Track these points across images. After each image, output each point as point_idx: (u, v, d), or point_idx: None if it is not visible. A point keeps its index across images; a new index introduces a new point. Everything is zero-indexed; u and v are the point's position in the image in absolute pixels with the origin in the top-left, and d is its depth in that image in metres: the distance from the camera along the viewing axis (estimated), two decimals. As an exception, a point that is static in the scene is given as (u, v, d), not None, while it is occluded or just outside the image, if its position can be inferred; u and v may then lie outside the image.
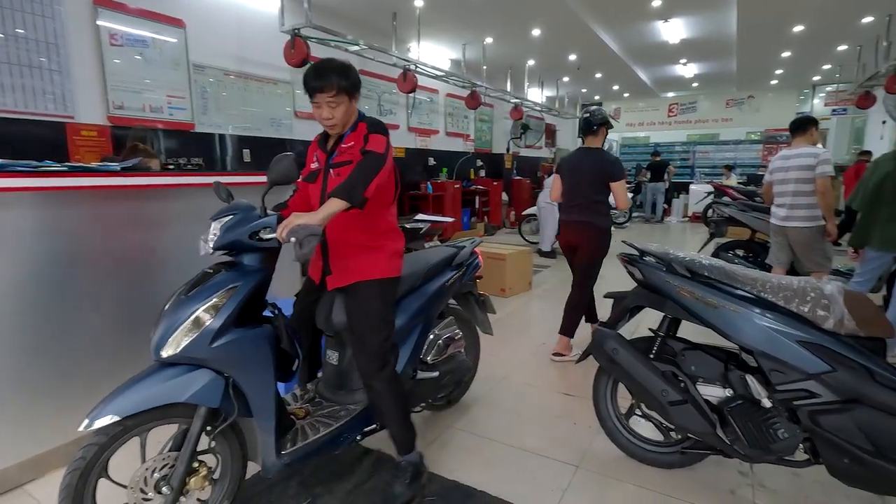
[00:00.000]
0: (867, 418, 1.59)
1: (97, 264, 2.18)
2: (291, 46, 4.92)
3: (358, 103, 1.85)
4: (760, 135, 13.79)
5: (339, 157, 1.83)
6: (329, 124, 1.79)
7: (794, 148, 3.68)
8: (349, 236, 1.85)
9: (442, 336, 2.29)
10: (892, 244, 2.90)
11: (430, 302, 2.14)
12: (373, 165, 1.67)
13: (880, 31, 6.79)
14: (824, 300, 1.67)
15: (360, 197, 1.60)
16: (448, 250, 2.35)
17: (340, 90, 1.73)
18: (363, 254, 1.85)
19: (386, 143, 1.77)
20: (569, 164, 3.40)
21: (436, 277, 2.21)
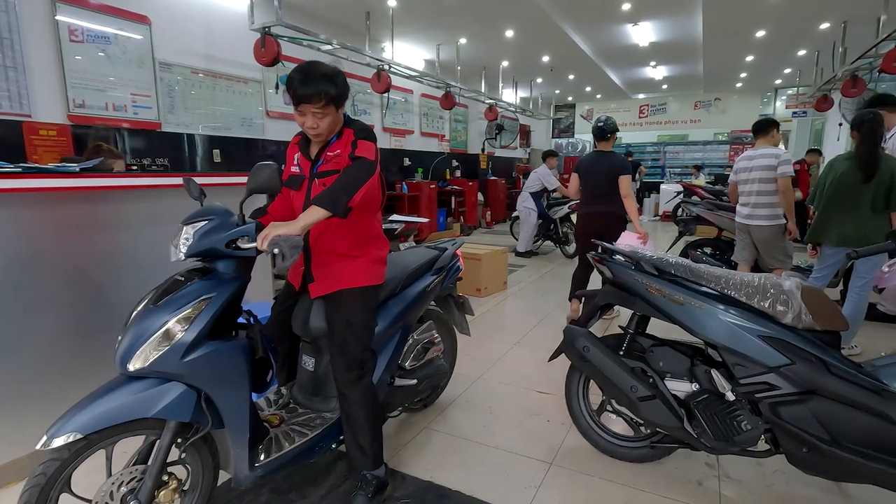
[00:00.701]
0: (823, 409, 1.65)
1: (56, 269, 2.10)
2: (262, 45, 4.83)
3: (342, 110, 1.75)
4: (727, 136, 14.24)
5: (324, 166, 1.75)
6: (314, 133, 1.71)
7: (757, 149, 3.81)
8: (333, 244, 1.80)
9: (421, 341, 2.28)
10: (846, 241, 3.03)
11: (410, 307, 2.10)
12: (361, 173, 1.60)
13: (836, 37, 7.09)
14: (783, 296, 1.74)
15: (343, 206, 1.53)
16: (429, 253, 2.31)
17: (329, 101, 1.64)
18: (347, 261, 1.81)
19: (375, 149, 1.70)
20: (586, 165, 3.99)
21: (417, 282, 2.16)
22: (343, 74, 1.71)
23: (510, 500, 1.92)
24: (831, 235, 3.15)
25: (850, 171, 3.04)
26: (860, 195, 3.00)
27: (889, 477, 1.56)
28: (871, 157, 2.95)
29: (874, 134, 2.98)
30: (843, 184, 3.07)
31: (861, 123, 3.01)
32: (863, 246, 1.93)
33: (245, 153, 5.60)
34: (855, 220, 3.02)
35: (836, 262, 3.24)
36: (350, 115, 1.85)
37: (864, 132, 2.99)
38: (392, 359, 2.05)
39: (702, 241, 5.29)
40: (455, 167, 10.08)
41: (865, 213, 2.99)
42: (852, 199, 3.03)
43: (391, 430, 2.40)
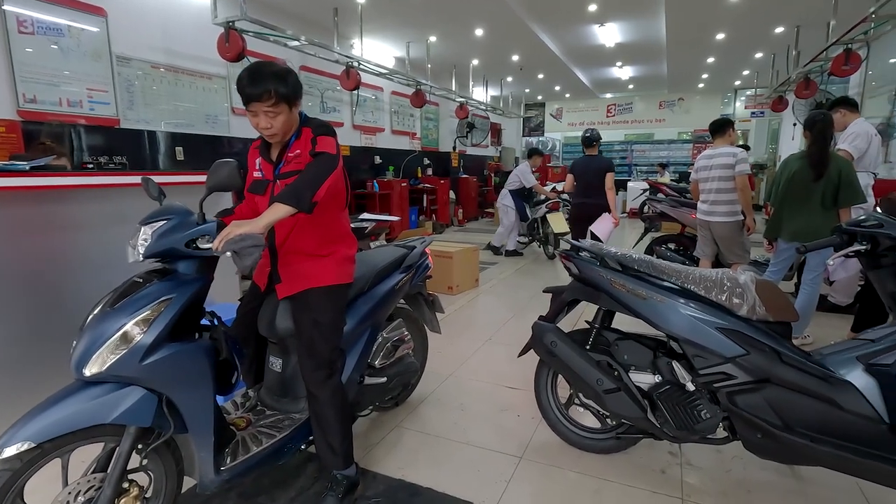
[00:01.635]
0: (776, 396, 1.73)
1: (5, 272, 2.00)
2: (226, 40, 4.71)
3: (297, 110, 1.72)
4: (690, 135, 14.69)
5: (287, 167, 1.73)
6: (268, 134, 1.68)
7: (716, 148, 3.95)
8: (300, 244, 1.77)
9: (391, 339, 2.26)
10: (798, 236, 3.17)
11: (379, 305, 2.09)
12: (324, 168, 1.58)
13: (790, 40, 7.40)
14: (738, 289, 1.81)
15: (308, 201, 1.51)
16: (398, 251, 2.31)
17: (280, 98, 1.60)
18: (314, 260, 1.78)
19: (336, 143, 1.69)
20: (580, 166, 5.08)
21: (385, 280, 2.15)
22: (294, 74, 1.69)
23: (481, 494, 1.94)
24: (785, 231, 3.29)
25: (802, 169, 3.18)
26: (811, 192, 3.14)
27: (836, 459, 1.65)
28: (822, 156, 3.09)
29: (825, 134, 3.13)
30: (796, 182, 3.21)
31: (813, 124, 3.16)
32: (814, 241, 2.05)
33: (210, 151, 5.46)
34: (807, 217, 3.17)
35: (790, 256, 3.39)
36: (319, 112, 1.83)
37: (816, 132, 3.13)
38: (361, 357, 2.03)
39: (666, 237, 5.46)
40: (426, 165, 10.07)
41: (816, 210, 3.13)
42: (804, 196, 3.18)
43: (362, 430, 2.39)
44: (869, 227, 1.80)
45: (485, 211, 12.00)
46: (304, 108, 1.82)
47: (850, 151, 3.66)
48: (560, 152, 17.30)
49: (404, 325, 2.38)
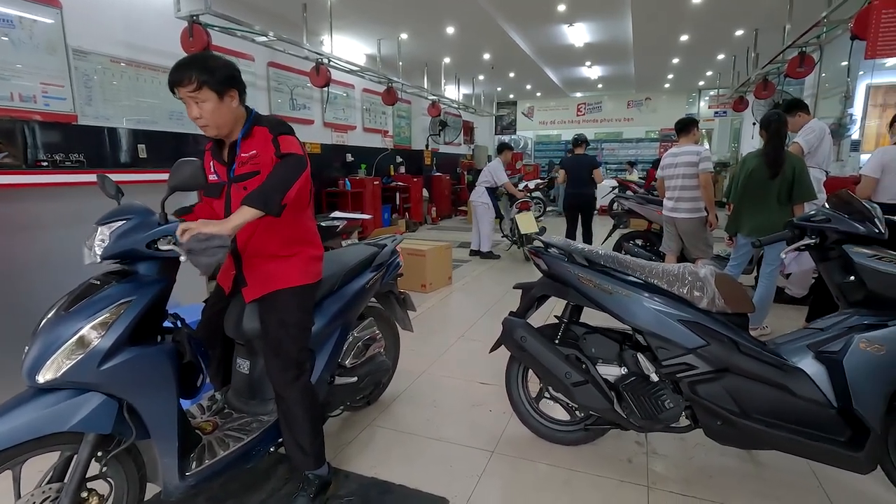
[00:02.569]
0: (734, 384, 1.81)
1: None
2: (189, 34, 4.58)
3: (235, 102, 1.66)
4: (657, 133, 15.09)
5: (241, 169, 1.68)
6: (200, 125, 1.63)
7: (681, 146, 4.07)
8: (264, 245, 1.74)
9: (361, 338, 2.25)
10: (756, 232, 3.30)
11: (349, 305, 2.07)
12: (293, 170, 1.54)
13: (749, 43, 7.68)
14: (699, 282, 1.88)
15: (277, 204, 1.48)
16: (368, 250, 2.29)
17: (201, 84, 1.56)
18: (279, 261, 1.75)
19: (300, 143, 1.65)
20: (569, 163, 6.19)
21: (355, 279, 2.14)
22: (226, 64, 1.64)
23: (453, 489, 1.96)
24: (744, 227, 3.42)
25: (759, 167, 3.31)
26: (768, 190, 3.27)
27: (790, 442, 1.74)
28: (777, 155, 3.23)
29: (780, 134, 3.26)
30: (754, 180, 3.34)
31: (769, 124, 3.29)
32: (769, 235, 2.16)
33: (174, 148, 5.29)
34: (764, 213, 3.30)
35: (748, 251, 3.53)
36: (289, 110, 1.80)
37: (772, 132, 3.26)
38: (331, 357, 2.01)
39: (634, 234, 5.60)
40: (399, 163, 10.03)
41: (773, 206, 3.26)
42: (762, 193, 3.31)
43: (334, 429, 2.37)
44: (817, 222, 1.90)
45: (458, 209, 12.04)
46: (274, 105, 1.79)
47: (802, 145, 3.83)
48: (532, 150, 17.51)
49: (375, 324, 2.37)
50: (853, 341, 1.69)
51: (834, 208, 1.94)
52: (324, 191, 7.83)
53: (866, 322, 1.73)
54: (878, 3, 3.55)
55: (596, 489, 1.97)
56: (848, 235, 1.84)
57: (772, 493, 1.93)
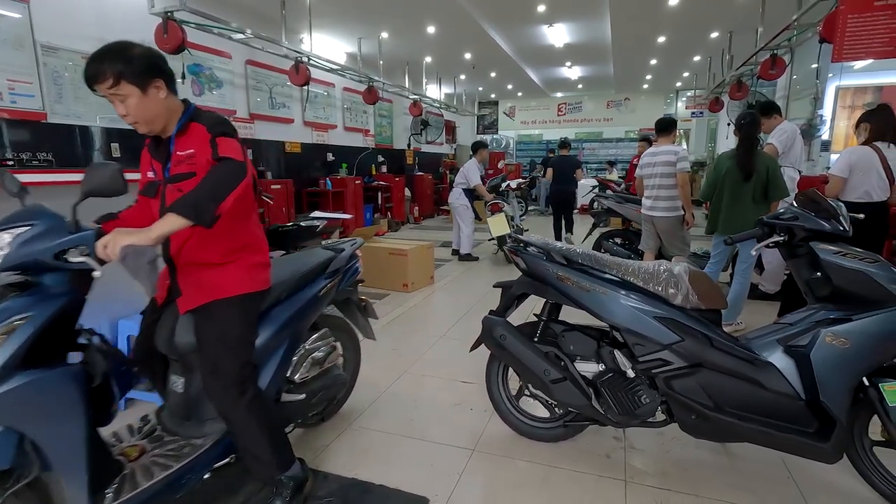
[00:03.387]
0: (708, 379, 1.85)
1: None
2: (164, 31, 4.48)
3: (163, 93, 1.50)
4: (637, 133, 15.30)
5: (177, 168, 1.53)
6: (129, 122, 1.48)
7: (660, 146, 4.15)
8: (201, 254, 1.60)
9: (314, 350, 2.08)
10: (729, 229, 3.39)
11: (299, 314, 1.92)
12: (230, 176, 1.40)
13: (724, 45, 7.85)
14: (673, 279, 1.92)
15: (210, 215, 1.33)
16: (323, 255, 2.13)
17: (119, 78, 1.39)
18: (217, 269, 1.61)
19: (241, 147, 1.50)
20: (556, 162, 7.33)
21: (307, 287, 1.98)
22: (143, 49, 1.47)
23: (434, 488, 1.96)
24: (722, 226, 3.50)
25: (733, 168, 3.39)
26: (743, 190, 3.36)
27: (761, 434, 1.79)
28: (749, 157, 3.31)
29: (751, 136, 3.34)
30: (729, 180, 3.42)
31: (740, 126, 3.37)
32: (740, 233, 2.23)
33: (149, 147, 5.19)
34: (740, 212, 3.38)
35: (726, 248, 3.61)
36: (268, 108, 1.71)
37: (743, 135, 3.35)
38: (278, 372, 1.84)
39: (614, 232, 5.68)
40: (381, 162, 9.99)
41: (748, 205, 3.34)
42: (737, 192, 3.39)
43: (313, 431, 2.35)
44: (786, 220, 1.95)
45: (441, 208, 12.04)
46: (253, 104, 1.72)
47: (776, 146, 3.95)
48: (514, 150, 17.61)
49: (331, 335, 2.20)
50: (819, 335, 1.74)
51: (801, 206, 2.00)
52: (304, 190, 7.76)
53: (832, 317, 1.78)
54: (844, 9, 3.67)
55: (575, 484, 1.99)
56: (815, 233, 1.90)
57: (745, 484, 1.98)
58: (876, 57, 3.85)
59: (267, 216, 6.08)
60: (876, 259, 1.77)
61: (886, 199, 3.19)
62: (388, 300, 4.65)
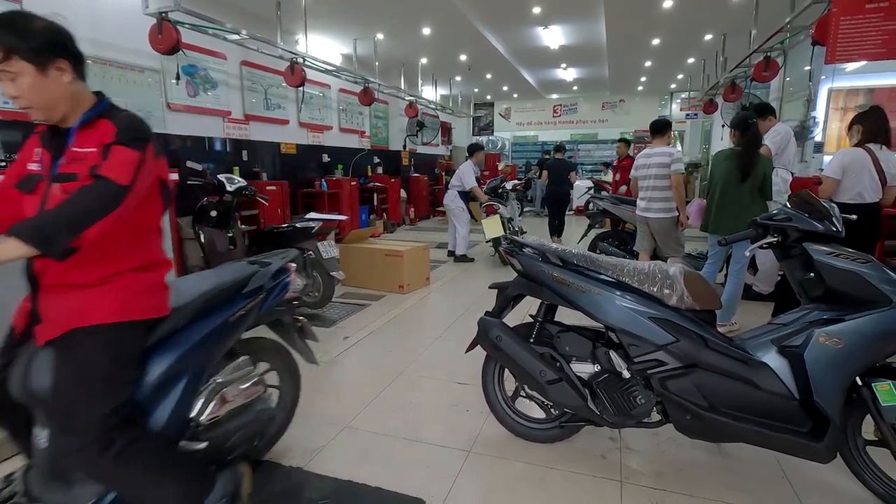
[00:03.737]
0: (702, 380, 1.86)
1: None
2: (158, 31, 4.47)
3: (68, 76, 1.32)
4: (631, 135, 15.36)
5: (68, 166, 1.30)
6: (21, 106, 1.27)
7: (654, 147, 4.16)
8: (74, 272, 1.31)
9: (228, 384, 1.75)
10: (722, 229, 3.43)
11: (205, 343, 1.60)
12: (98, 203, 1.19)
13: (718, 47, 7.90)
14: (668, 280, 1.93)
15: (61, 246, 1.13)
16: (241, 271, 1.83)
17: (10, 52, 1.20)
18: (87, 290, 1.32)
19: (136, 163, 1.27)
20: (552, 165, 7.80)
21: (218, 310, 1.67)
22: (46, 22, 1.28)
23: (430, 490, 1.96)
24: (720, 226, 3.53)
25: (731, 169, 3.41)
26: (741, 190, 3.39)
27: (755, 434, 1.80)
28: (751, 159, 3.34)
29: (757, 139, 3.40)
30: (727, 180, 3.44)
31: (746, 127, 3.38)
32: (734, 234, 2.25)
33: (144, 148, 5.16)
34: (734, 212, 3.41)
35: (722, 248, 3.64)
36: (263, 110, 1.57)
37: (750, 136, 3.37)
38: (175, 414, 1.50)
39: (609, 233, 5.70)
40: (377, 164, 9.98)
41: (746, 206, 3.37)
42: (735, 193, 3.42)
43: (307, 434, 2.35)
44: (779, 221, 1.97)
45: (436, 210, 12.04)
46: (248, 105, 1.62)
47: (771, 147, 3.98)
48: (510, 151, 17.65)
49: (251, 364, 1.88)
50: (813, 336, 1.75)
51: (795, 208, 2.01)
52: (300, 192, 7.74)
53: (825, 317, 1.80)
54: (836, 11, 3.70)
55: (571, 485, 1.99)
56: (808, 233, 1.91)
57: (740, 484, 1.98)
58: (869, 58, 3.88)
59: (262, 217, 6.07)
60: (868, 259, 1.78)
61: (878, 200, 3.22)
62: (383, 301, 4.64)
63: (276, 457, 2.14)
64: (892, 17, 3.57)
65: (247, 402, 1.81)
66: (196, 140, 5.84)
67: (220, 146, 6.24)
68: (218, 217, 4.30)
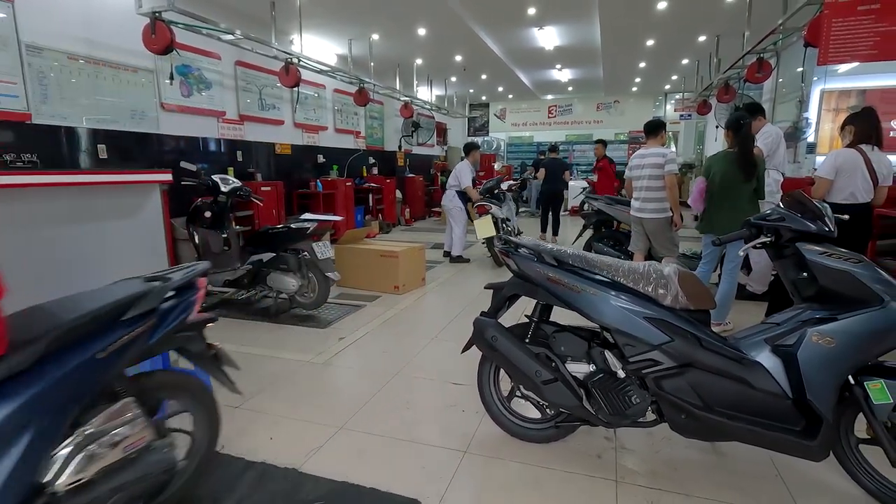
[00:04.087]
0: (697, 379, 1.87)
1: None
2: (152, 31, 4.44)
3: None
4: (626, 135, 15.43)
5: None
6: None
7: (648, 148, 4.18)
8: None
9: (100, 436, 1.43)
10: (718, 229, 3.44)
11: (55, 390, 1.31)
12: None
13: (712, 48, 7.94)
14: (663, 280, 1.93)
15: None
16: (124, 291, 1.53)
17: None
18: None
19: None
20: (548, 164, 8.21)
21: (76, 346, 1.38)
22: None
23: (426, 490, 1.96)
24: (717, 226, 3.54)
25: (730, 170, 3.43)
26: (741, 191, 3.41)
27: (749, 433, 1.81)
28: (750, 157, 3.37)
29: (750, 137, 3.43)
30: (725, 181, 3.45)
31: (739, 127, 3.40)
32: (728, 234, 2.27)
33: (137, 149, 5.13)
34: (732, 213, 3.41)
35: (717, 248, 3.66)
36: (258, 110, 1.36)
37: (743, 135, 3.39)
38: (11, 485, 1.22)
39: (604, 233, 5.71)
40: (372, 164, 9.96)
41: (744, 206, 3.38)
42: (734, 194, 3.44)
43: (299, 434, 2.34)
44: (772, 221, 1.98)
45: (432, 210, 12.04)
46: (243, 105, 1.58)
47: (763, 149, 4.01)
48: (505, 152, 17.67)
49: (137, 407, 1.52)
50: (806, 335, 1.76)
51: (788, 208, 2.02)
52: (295, 192, 7.72)
53: (818, 316, 1.81)
54: (828, 13, 3.73)
55: (566, 485, 2.00)
56: (801, 233, 1.92)
57: (734, 483, 1.99)
58: (861, 60, 3.91)
59: (257, 218, 6.04)
60: (860, 259, 1.80)
61: (870, 200, 3.24)
62: (378, 302, 4.64)
63: (270, 458, 2.13)
64: (883, 18, 3.60)
65: (130, 455, 1.48)
66: (190, 140, 5.81)
67: (215, 146, 6.21)
68: (212, 218, 4.28)
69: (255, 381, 2.92)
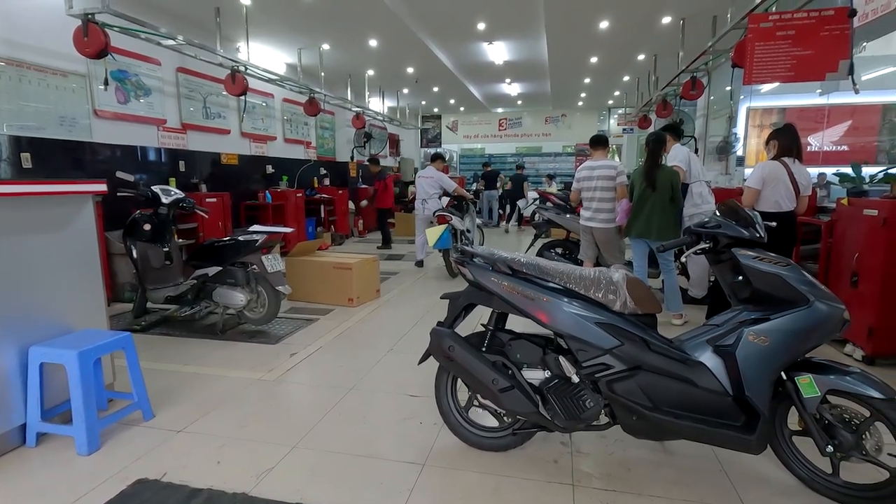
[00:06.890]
0: (646, 380, 1.94)
1: None
2: (84, 34, 4.19)
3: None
4: (573, 148, 16.02)
5: None
6: None
7: (597, 160, 4.36)
8: None
9: None
10: (643, 233, 3.95)
11: None
12: None
13: (650, 67, 8.42)
14: (612, 286, 2.00)
15: None
16: None
17: None
18: None
19: None
20: (514, 178, 11.89)
21: None
22: None
23: (384, 507, 1.91)
24: (634, 230, 4.00)
25: (641, 182, 3.95)
26: (651, 198, 3.90)
27: (695, 430, 1.89)
28: (651, 171, 3.90)
29: (654, 154, 3.96)
30: (639, 191, 3.96)
31: (647, 144, 4.01)
32: (655, 236, 2.41)
33: (67, 157, 4.80)
34: (647, 218, 3.92)
35: (643, 249, 4.08)
36: (202, 119, 1.47)
37: (648, 153, 3.98)
38: None
39: (554, 242, 5.87)
40: (323, 175, 9.80)
41: (656, 211, 3.89)
42: (646, 201, 3.93)
43: (250, 456, 2.23)
44: (710, 228, 2.10)
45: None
46: (186, 114, 1.61)
47: (681, 166, 4.33)
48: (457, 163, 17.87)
49: None
50: (743, 335, 1.87)
51: (723, 216, 2.16)
52: (242, 203, 7.46)
53: (753, 317, 1.93)
54: (752, 37, 4.05)
55: (524, 492, 2.01)
56: (735, 240, 2.05)
57: (682, 479, 2.08)
58: (780, 80, 4.27)
59: (202, 231, 5.78)
60: (788, 263, 1.94)
61: (794, 208, 3.51)
62: (332, 315, 4.53)
63: (217, 483, 2.02)
64: (798, 44, 3.95)
65: None
66: (127, 149, 5.49)
67: (155, 156, 5.91)
68: (152, 230, 4.04)
69: (200, 403, 2.77)
